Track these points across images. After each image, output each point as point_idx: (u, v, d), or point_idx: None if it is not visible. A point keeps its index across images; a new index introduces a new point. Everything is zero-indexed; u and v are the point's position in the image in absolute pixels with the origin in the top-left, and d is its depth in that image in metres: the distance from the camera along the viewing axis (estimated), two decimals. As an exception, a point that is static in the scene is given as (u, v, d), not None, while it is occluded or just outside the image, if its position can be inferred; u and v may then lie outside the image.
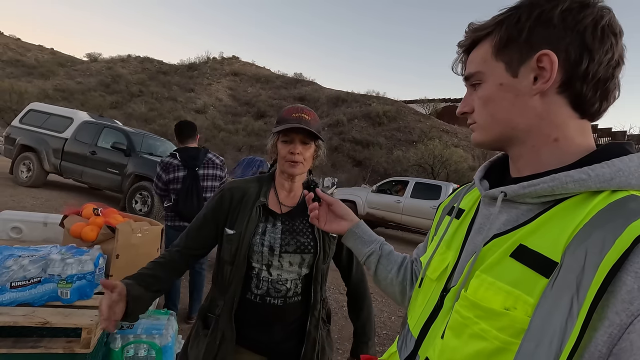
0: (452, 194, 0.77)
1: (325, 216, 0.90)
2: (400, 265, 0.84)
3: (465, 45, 0.61)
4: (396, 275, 0.83)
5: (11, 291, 1.33)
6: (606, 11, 0.50)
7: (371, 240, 0.86)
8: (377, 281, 0.86)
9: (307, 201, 0.91)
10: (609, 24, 0.49)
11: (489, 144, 0.60)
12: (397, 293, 0.83)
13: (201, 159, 2.79)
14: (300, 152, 1.10)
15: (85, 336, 1.29)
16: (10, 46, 45.90)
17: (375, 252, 0.84)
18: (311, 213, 0.89)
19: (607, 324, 0.38)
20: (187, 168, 2.70)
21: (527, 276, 0.46)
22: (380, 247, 0.85)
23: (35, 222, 2.04)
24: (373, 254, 0.84)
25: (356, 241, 0.86)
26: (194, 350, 1.13)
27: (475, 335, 0.49)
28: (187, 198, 2.64)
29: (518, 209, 0.54)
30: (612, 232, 0.40)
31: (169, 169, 2.69)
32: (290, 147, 1.10)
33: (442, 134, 27.32)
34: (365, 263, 0.86)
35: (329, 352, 1.22)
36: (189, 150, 2.79)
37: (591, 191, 0.47)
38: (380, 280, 0.85)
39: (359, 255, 0.87)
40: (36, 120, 7.49)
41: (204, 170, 2.79)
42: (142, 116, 29.95)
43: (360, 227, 0.87)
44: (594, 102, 0.51)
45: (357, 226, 0.87)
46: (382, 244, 0.86)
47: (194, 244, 1.17)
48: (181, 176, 2.69)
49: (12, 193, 6.29)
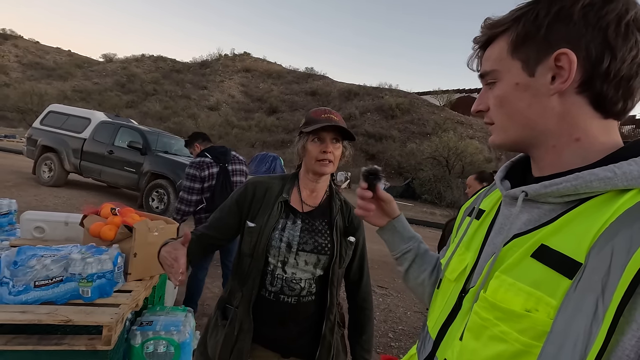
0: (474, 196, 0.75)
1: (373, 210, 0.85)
2: (434, 267, 0.82)
3: (481, 42, 0.58)
4: (429, 276, 0.81)
5: (35, 290, 1.38)
6: (632, 5, 0.46)
7: (410, 236, 0.85)
8: (407, 279, 0.85)
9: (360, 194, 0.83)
10: (634, 19, 0.46)
11: (507, 146, 0.58)
12: (427, 295, 0.81)
13: (230, 156, 2.92)
14: (331, 151, 1.12)
15: (107, 334, 1.32)
16: (30, 49, 47.27)
17: (413, 250, 0.83)
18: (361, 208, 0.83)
19: (635, 327, 0.36)
20: (218, 164, 2.82)
21: (549, 277, 0.44)
22: (418, 246, 0.84)
23: (57, 221, 2.10)
24: (410, 252, 0.83)
25: (394, 235, 0.85)
26: (212, 339, 1.15)
27: (495, 337, 0.47)
28: (222, 193, 2.77)
29: (540, 209, 0.52)
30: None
31: (202, 166, 2.76)
32: (322, 146, 1.12)
33: (456, 125, 26.85)
34: (399, 259, 0.84)
35: (343, 357, 1.22)
36: (216, 148, 2.91)
37: (618, 190, 0.45)
38: (410, 279, 0.84)
39: (394, 250, 0.84)
40: (56, 121, 7.71)
41: (233, 165, 2.92)
42: (157, 114, 30.46)
43: (401, 222, 0.85)
44: (617, 102, 0.48)
45: (398, 220, 0.85)
46: (420, 243, 0.85)
47: (216, 233, 1.19)
48: (215, 172, 2.80)
49: (36, 192, 6.51)
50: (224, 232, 1.20)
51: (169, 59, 48.17)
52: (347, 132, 1.13)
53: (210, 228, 1.19)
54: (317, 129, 1.09)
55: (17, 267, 1.38)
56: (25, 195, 6.06)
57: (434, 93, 37.48)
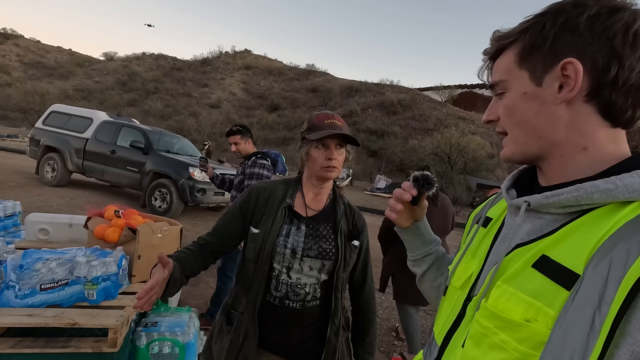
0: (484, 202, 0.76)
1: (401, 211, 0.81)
2: None
3: (490, 53, 0.60)
4: (445, 281, 0.81)
5: (41, 293, 1.39)
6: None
7: (432, 239, 0.85)
8: (422, 282, 0.85)
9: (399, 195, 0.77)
10: None
11: (518, 158, 0.58)
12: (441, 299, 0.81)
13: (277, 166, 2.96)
14: (336, 158, 1.12)
15: (112, 336, 1.33)
16: (31, 49, 47.29)
17: (434, 254, 0.83)
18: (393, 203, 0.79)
19: (630, 341, 0.36)
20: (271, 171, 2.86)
21: (548, 288, 0.45)
22: (437, 249, 0.84)
23: (61, 223, 2.12)
24: (431, 255, 0.83)
25: (416, 237, 0.84)
26: (217, 345, 1.15)
27: (495, 346, 0.48)
28: None
29: (543, 219, 0.52)
30: (638, 244, 0.38)
31: (270, 169, 2.77)
32: (327, 153, 1.12)
33: (458, 121, 26.75)
34: (417, 261, 0.84)
35: None
36: (269, 153, 2.91)
37: (619, 202, 0.45)
38: (426, 282, 0.84)
39: (415, 252, 0.84)
40: (58, 121, 7.72)
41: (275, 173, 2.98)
42: (159, 113, 30.45)
43: (425, 224, 0.85)
44: (626, 110, 0.49)
45: (423, 222, 0.85)
46: (439, 246, 0.86)
47: (220, 240, 1.19)
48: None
49: (39, 193, 6.54)
50: (228, 239, 1.20)
51: (169, 57, 48.13)
52: (351, 137, 1.13)
53: (214, 235, 1.19)
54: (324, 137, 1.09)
55: (23, 271, 1.39)
56: (28, 196, 6.09)
57: (436, 89, 37.30)
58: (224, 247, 1.21)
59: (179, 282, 1.03)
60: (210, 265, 1.22)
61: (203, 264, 1.17)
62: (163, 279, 0.92)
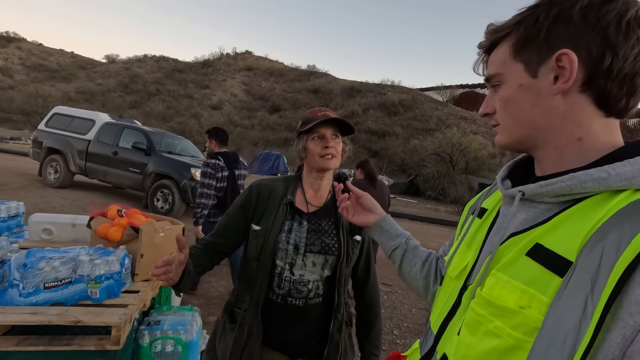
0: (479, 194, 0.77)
1: (354, 208, 0.96)
2: (424, 261, 0.86)
3: (485, 47, 0.60)
4: (420, 270, 0.85)
5: (45, 291, 1.40)
6: (632, 4, 0.47)
7: (397, 234, 0.89)
8: (401, 274, 0.89)
9: (337, 193, 0.96)
10: (635, 17, 0.47)
11: (512, 146, 0.59)
12: (421, 288, 0.85)
13: (239, 162, 3.29)
14: (333, 146, 1.12)
15: (115, 334, 1.34)
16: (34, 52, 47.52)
17: (401, 246, 0.87)
18: (341, 204, 0.94)
19: (620, 325, 0.37)
20: (229, 169, 3.15)
21: (542, 275, 0.46)
22: (405, 242, 0.88)
23: (64, 223, 2.13)
24: (398, 248, 0.87)
25: (382, 234, 0.90)
26: (221, 343, 1.15)
27: (490, 333, 0.49)
28: (232, 195, 3.10)
29: (537, 208, 0.53)
30: (629, 231, 0.39)
31: (217, 168, 3.08)
32: (323, 142, 1.12)
33: (460, 121, 26.70)
34: (390, 256, 0.89)
35: (351, 356, 1.23)
36: (229, 154, 3.25)
37: (612, 190, 0.45)
38: (404, 274, 0.88)
39: (385, 249, 0.90)
40: (61, 123, 7.77)
41: (239, 171, 3.27)
42: (160, 114, 30.52)
43: (387, 221, 0.91)
44: (620, 99, 0.49)
45: (383, 220, 0.91)
46: (408, 239, 0.89)
47: (222, 240, 1.20)
48: (226, 176, 3.13)
49: (42, 194, 6.58)
50: (230, 238, 1.20)
51: (171, 59, 48.26)
52: (346, 125, 1.13)
53: (217, 235, 1.20)
54: (316, 125, 1.10)
55: (26, 270, 1.40)
56: (32, 197, 6.12)
57: (437, 89, 37.26)
58: (228, 247, 1.22)
59: (192, 275, 1.05)
60: (215, 265, 1.22)
61: (210, 262, 1.19)
62: (180, 260, 0.94)
